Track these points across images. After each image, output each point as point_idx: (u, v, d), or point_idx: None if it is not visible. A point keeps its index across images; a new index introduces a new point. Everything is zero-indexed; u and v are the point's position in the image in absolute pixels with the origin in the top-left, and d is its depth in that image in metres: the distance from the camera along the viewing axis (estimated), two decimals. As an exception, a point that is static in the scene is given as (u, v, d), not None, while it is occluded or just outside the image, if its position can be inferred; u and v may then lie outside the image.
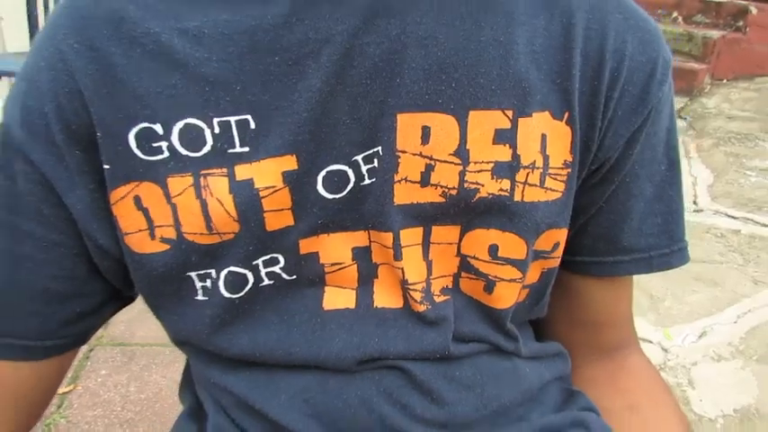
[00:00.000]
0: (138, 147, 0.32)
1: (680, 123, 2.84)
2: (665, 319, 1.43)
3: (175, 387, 0.47)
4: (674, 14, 3.34)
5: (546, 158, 0.35)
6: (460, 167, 0.34)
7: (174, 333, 0.39)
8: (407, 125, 0.33)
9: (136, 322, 1.25)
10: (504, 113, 0.33)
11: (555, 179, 0.35)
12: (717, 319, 1.43)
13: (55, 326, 0.37)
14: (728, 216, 1.92)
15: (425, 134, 0.33)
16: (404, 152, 0.33)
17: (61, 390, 1.05)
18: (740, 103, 3.09)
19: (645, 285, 1.56)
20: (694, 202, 2.04)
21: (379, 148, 0.33)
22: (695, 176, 2.22)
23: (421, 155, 0.33)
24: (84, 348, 1.02)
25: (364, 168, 0.33)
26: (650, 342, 1.34)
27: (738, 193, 2.09)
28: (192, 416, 0.43)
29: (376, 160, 0.33)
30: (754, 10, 3.19)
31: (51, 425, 1.01)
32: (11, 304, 0.36)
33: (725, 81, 3.29)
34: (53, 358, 0.38)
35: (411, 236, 0.35)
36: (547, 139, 0.34)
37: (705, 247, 1.75)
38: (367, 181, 0.33)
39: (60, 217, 0.34)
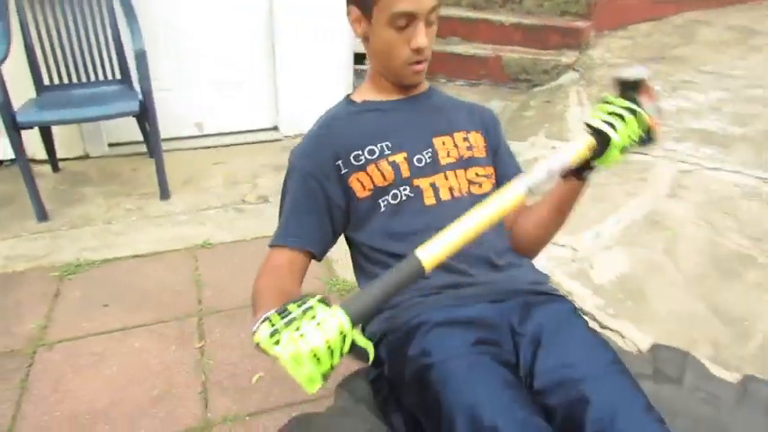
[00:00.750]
0: (354, 160, 1.03)
1: (573, 75, 3.56)
2: (573, 229, 2.13)
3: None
4: (559, -20, 4.02)
5: (479, 145, 1.06)
6: (457, 150, 1.06)
7: (367, 229, 1.03)
8: (438, 140, 1.06)
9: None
10: (464, 132, 1.07)
11: (484, 150, 1.10)
12: (604, 224, 2.15)
13: (323, 241, 1.04)
14: (611, 149, 2.65)
15: (443, 143, 1.05)
16: (439, 148, 1.04)
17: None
18: (618, 51, 3.85)
19: (557, 209, 2.26)
20: (587, 142, 2.76)
21: (430, 148, 1.05)
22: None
23: (444, 148, 1.05)
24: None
25: (427, 156, 1.04)
26: (563, 246, 2.04)
27: (617, 130, 2.83)
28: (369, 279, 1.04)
29: (431, 152, 1.04)
30: (620, -29, 3.93)
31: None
32: (312, 236, 1.03)
33: (605, 33, 4.05)
34: (312, 259, 1.04)
35: (451, 175, 1.03)
36: (479, 139, 1.07)
37: (595, 176, 2.47)
38: (429, 160, 1.04)
39: (325, 197, 1.04)
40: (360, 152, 1.02)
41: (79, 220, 2.19)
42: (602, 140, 0.89)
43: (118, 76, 2.44)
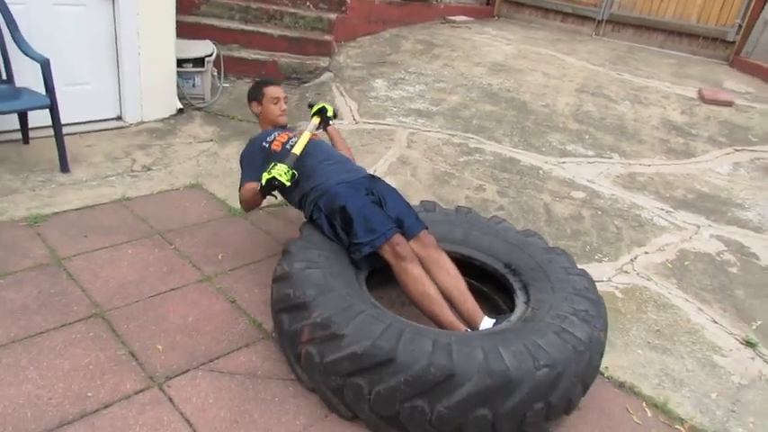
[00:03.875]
0: (270, 139, 2.59)
1: (330, 74, 5.22)
2: (368, 166, 3.74)
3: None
4: (308, 4, 5.65)
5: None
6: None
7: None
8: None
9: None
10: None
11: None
12: (377, 165, 3.82)
13: (259, 178, 2.41)
14: (368, 123, 4.38)
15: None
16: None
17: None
18: (354, 57, 5.67)
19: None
20: (354, 119, 4.43)
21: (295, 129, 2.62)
22: (350, 106, 4.63)
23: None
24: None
25: (294, 140, 2.55)
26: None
27: (369, 111, 4.58)
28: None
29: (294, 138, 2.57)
30: (348, 0, 5.76)
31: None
32: (256, 175, 2.43)
33: (342, 43, 5.83)
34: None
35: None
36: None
37: (365, 139, 4.14)
38: (294, 141, 2.55)
39: (261, 158, 2.51)
40: (269, 137, 2.58)
41: (5, 191, 2.89)
42: (322, 115, 2.73)
43: (4, 77, 3.11)
